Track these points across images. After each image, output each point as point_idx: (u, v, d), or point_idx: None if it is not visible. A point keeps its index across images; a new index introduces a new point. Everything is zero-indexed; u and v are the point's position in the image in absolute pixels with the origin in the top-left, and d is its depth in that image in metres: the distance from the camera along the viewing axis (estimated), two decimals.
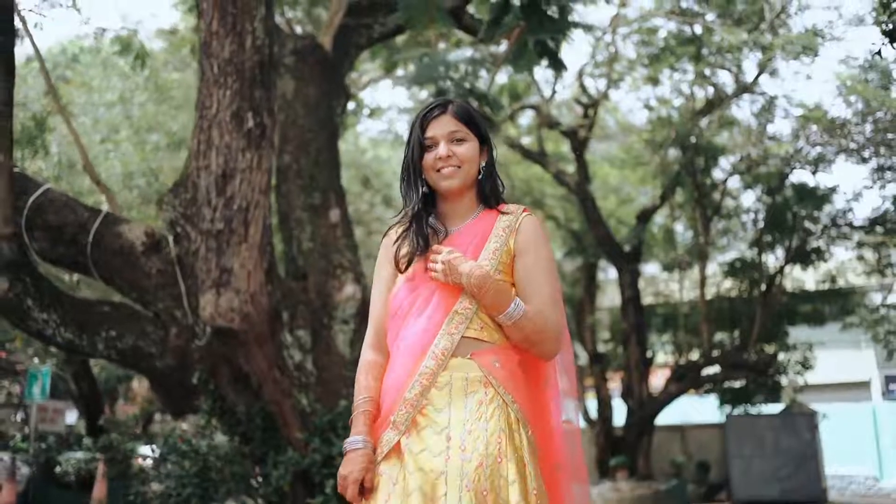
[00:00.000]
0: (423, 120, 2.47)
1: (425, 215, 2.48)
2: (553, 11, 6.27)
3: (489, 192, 2.51)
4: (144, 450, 13.71)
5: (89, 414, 13.98)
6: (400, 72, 13.11)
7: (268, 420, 6.40)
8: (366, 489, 2.22)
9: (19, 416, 18.71)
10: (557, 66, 6.95)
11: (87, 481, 12.04)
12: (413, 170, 2.48)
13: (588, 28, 7.52)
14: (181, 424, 16.82)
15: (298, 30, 10.42)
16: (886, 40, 9.08)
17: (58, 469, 12.35)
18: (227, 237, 6.02)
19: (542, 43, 6.44)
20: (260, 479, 6.47)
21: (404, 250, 2.46)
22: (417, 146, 2.46)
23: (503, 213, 2.48)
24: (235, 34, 5.94)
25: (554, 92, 16.53)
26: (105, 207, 7.81)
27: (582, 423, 19.65)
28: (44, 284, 6.63)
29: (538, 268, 2.41)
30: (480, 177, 2.50)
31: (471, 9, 9.21)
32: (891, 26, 8.55)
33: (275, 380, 6.33)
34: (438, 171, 2.44)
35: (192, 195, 6.18)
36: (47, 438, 12.87)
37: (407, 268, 2.43)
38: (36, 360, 15.00)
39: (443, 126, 2.45)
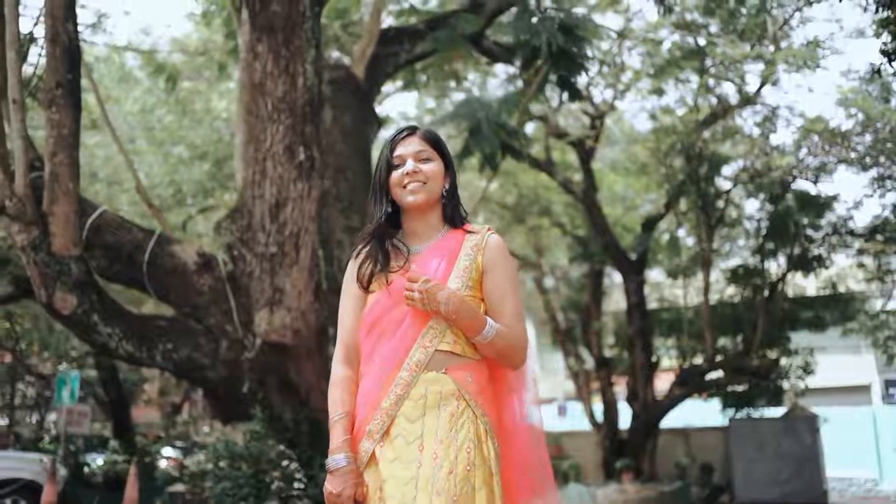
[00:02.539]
0: (392, 141, 2.63)
1: (389, 233, 2.62)
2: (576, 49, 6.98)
3: (452, 213, 2.65)
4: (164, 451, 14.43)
5: (116, 417, 14.68)
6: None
7: (314, 426, 7.13)
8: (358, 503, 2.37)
9: (34, 418, 19.41)
10: (576, 96, 7.67)
11: (114, 482, 12.74)
12: (380, 188, 2.62)
13: (605, 62, 8.23)
14: (204, 427, 17.55)
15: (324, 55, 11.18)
16: (885, 60, 9.81)
17: (86, 470, 13.05)
18: (279, 260, 6.76)
19: (563, 77, 7.16)
20: (305, 480, 7.18)
21: (366, 267, 2.59)
22: (385, 165, 2.61)
23: (469, 231, 2.62)
24: (288, 75, 6.67)
25: (561, 102, 17.11)
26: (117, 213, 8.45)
27: (588, 427, 20.35)
28: (107, 301, 7.35)
29: (506, 283, 2.55)
30: (444, 200, 2.64)
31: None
32: (890, 46, 9.26)
33: (322, 390, 7.05)
34: (404, 186, 2.56)
35: (248, 221, 6.92)
36: (76, 441, 13.56)
37: (368, 285, 2.57)
38: (64, 365, 15.66)
39: (410, 146, 2.59)
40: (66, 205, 6.98)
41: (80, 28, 11.76)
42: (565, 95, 17.11)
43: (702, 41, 15.60)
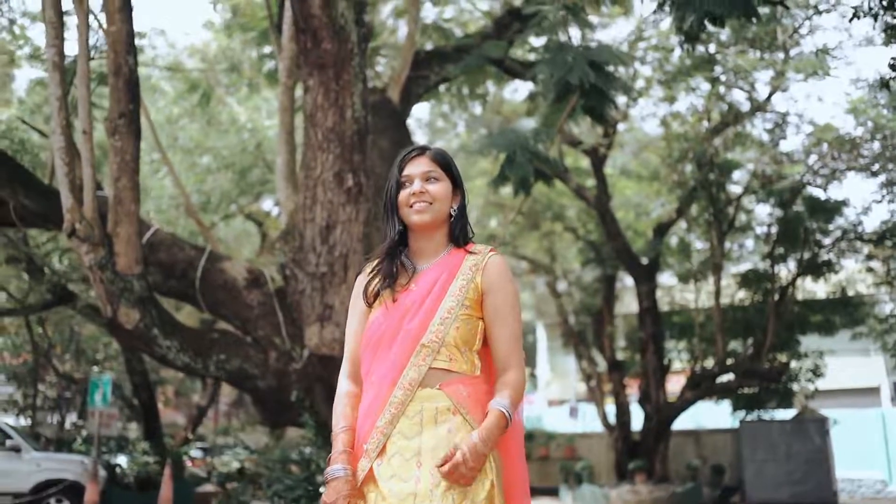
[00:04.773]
0: (401, 161, 2.68)
1: (398, 251, 2.66)
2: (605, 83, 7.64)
3: (458, 233, 2.68)
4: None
5: (147, 420, 15.37)
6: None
7: None
8: None
9: (55, 419, 20.13)
10: (603, 122, 8.33)
11: (145, 483, 13.43)
12: (390, 207, 2.67)
13: (629, 89, 8.89)
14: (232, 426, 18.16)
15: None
16: (894, 74, 10.41)
17: (117, 471, 13.75)
18: (329, 279, 7.46)
19: (592, 108, 7.83)
20: None
21: (373, 285, 2.64)
22: (395, 185, 2.66)
23: (470, 252, 2.64)
24: (337, 107, 7.36)
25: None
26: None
27: (601, 428, 20.97)
28: (165, 315, 8.03)
29: (504, 306, 2.58)
30: (452, 219, 2.68)
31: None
32: None
33: None
34: (411, 206, 2.61)
35: (300, 243, 7.62)
36: (108, 442, 14.26)
37: (374, 301, 2.62)
38: (95, 368, 16.35)
39: (419, 166, 2.65)
40: (129, 226, 7.68)
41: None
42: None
43: (712, 48, 16.05)
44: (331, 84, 7.28)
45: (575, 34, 8.78)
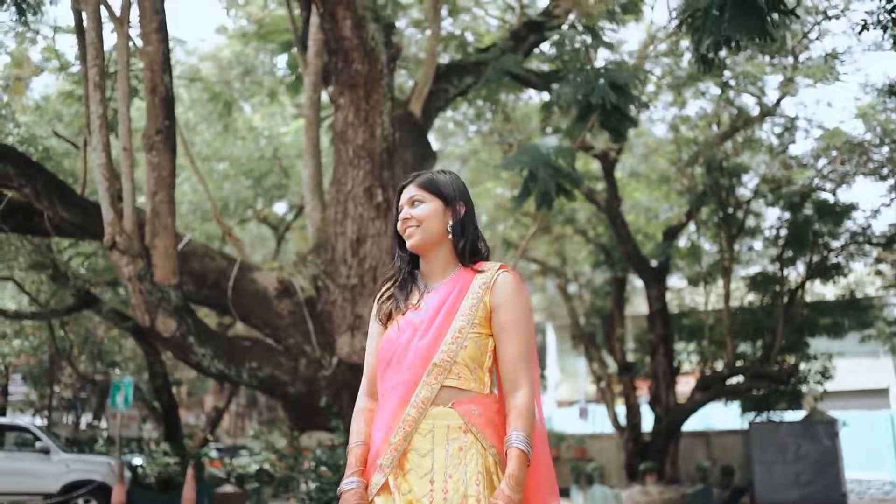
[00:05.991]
0: (397, 195, 2.86)
1: (411, 274, 2.80)
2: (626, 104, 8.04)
3: (461, 249, 2.74)
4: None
5: (167, 421, 15.78)
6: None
7: None
8: None
9: (70, 419, 20.60)
10: (619, 138, 8.72)
11: (166, 484, 13.84)
12: (396, 236, 2.84)
13: (643, 102, 9.27)
14: (249, 431, 18.57)
15: None
16: None
17: (139, 471, 14.19)
18: (359, 290, 7.90)
19: (611, 126, 8.24)
20: None
21: (385, 306, 2.78)
22: (395, 218, 2.83)
23: (479, 271, 2.70)
24: (367, 125, 7.78)
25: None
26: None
27: (611, 430, 21.32)
28: (200, 324, 8.46)
29: (513, 322, 2.62)
30: (453, 237, 2.73)
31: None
32: None
33: None
34: (404, 232, 2.75)
35: (331, 256, 8.06)
36: (129, 444, 14.69)
37: (388, 321, 2.74)
38: (117, 371, 16.80)
39: (406, 194, 2.78)
40: (166, 238, 8.10)
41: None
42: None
43: (722, 53, 16.24)
44: (361, 103, 7.71)
45: (589, 43, 9.21)
